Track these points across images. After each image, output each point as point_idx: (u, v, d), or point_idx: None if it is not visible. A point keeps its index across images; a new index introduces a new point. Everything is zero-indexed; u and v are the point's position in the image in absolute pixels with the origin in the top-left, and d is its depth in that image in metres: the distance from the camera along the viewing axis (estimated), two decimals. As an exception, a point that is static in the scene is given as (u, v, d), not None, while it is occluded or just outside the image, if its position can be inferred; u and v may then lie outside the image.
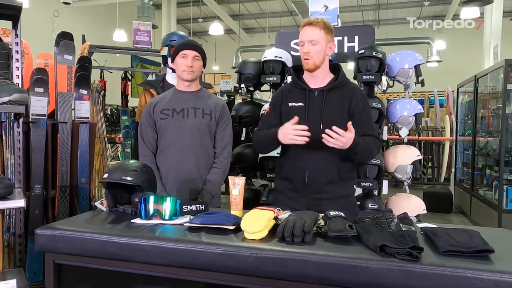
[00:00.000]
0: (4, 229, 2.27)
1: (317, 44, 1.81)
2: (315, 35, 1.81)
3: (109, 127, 7.45)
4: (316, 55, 1.83)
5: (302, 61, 1.86)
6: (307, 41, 1.82)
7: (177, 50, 2.09)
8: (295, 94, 1.93)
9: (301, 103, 1.89)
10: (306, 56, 1.83)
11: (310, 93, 1.89)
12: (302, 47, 1.85)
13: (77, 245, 1.40)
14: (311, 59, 1.83)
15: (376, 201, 2.55)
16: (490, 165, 5.15)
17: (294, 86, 1.95)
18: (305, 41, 1.83)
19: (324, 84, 1.90)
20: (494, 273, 1.06)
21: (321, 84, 1.90)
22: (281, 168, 1.96)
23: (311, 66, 1.84)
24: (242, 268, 1.24)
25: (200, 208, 1.60)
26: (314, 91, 1.89)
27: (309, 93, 1.89)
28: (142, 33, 3.95)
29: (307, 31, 1.83)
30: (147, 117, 2.14)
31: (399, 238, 1.23)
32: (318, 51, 1.82)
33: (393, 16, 13.03)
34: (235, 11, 13.00)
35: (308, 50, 1.82)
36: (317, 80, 1.90)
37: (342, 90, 1.89)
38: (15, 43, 2.03)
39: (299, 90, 1.92)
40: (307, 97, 1.89)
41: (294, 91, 1.94)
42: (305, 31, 1.84)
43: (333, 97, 1.87)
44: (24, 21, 2.02)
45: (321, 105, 1.86)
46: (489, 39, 7.59)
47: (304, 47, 1.83)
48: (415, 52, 2.74)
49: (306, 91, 1.90)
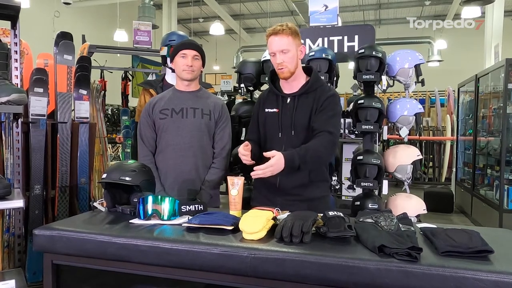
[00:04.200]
0: (4, 229, 2.28)
1: (288, 52, 1.81)
2: (284, 43, 1.80)
3: (109, 127, 7.46)
4: (289, 63, 1.83)
5: (277, 71, 1.87)
6: (277, 51, 1.81)
7: (176, 50, 2.09)
8: (270, 100, 1.96)
9: (275, 109, 1.92)
10: (280, 66, 1.84)
11: (283, 99, 1.91)
12: (273, 57, 1.85)
13: (76, 245, 1.40)
14: (286, 67, 1.83)
15: (376, 201, 2.53)
16: (491, 165, 5.13)
17: (270, 92, 1.99)
18: (276, 52, 1.82)
19: (297, 89, 1.91)
20: (493, 274, 1.06)
21: (295, 89, 1.91)
22: None
23: (287, 75, 1.86)
24: (240, 269, 1.23)
25: (199, 209, 1.60)
26: (287, 97, 1.91)
27: (282, 99, 1.92)
28: (142, 33, 3.95)
29: (275, 41, 1.81)
30: (146, 116, 2.13)
31: (398, 238, 1.22)
32: (290, 58, 1.82)
33: (394, 16, 13.01)
34: (236, 11, 13.00)
35: (281, 60, 1.82)
36: (291, 85, 1.92)
37: (313, 94, 1.89)
38: (14, 43, 2.03)
39: (274, 96, 1.95)
40: (281, 103, 1.91)
41: (270, 97, 1.97)
42: (273, 41, 1.82)
43: (305, 101, 1.88)
44: (24, 21, 2.03)
45: (293, 111, 1.88)
46: (490, 38, 7.57)
47: (276, 58, 1.83)
48: (415, 51, 2.72)
49: (279, 97, 1.92)
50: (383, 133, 2.67)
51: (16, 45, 2.04)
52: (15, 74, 2.04)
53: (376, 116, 2.55)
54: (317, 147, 1.78)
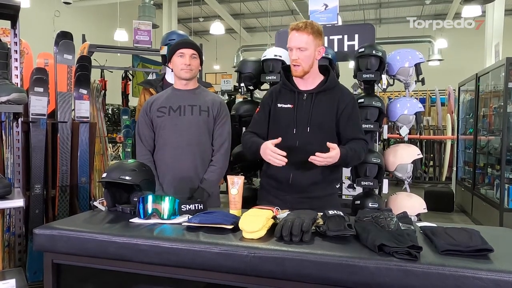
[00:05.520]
0: (4, 229, 2.28)
1: (305, 50, 1.80)
2: (303, 41, 1.79)
3: (110, 126, 7.46)
4: (304, 62, 1.81)
5: (291, 67, 1.86)
6: (295, 47, 1.80)
7: (174, 49, 2.08)
8: (284, 95, 1.93)
9: (289, 105, 1.89)
10: (294, 62, 1.82)
11: (299, 95, 1.89)
12: (290, 52, 1.83)
13: (76, 244, 1.40)
14: (300, 66, 1.82)
15: (376, 200, 2.54)
16: (492, 164, 5.13)
17: (284, 88, 1.95)
18: (293, 47, 1.81)
19: (313, 87, 1.89)
20: (493, 273, 1.05)
21: (311, 86, 1.90)
22: (267, 167, 1.96)
23: (299, 73, 1.84)
24: (240, 268, 1.23)
25: (199, 208, 1.60)
26: (304, 93, 1.89)
27: (298, 95, 1.89)
28: (142, 32, 3.95)
29: (295, 37, 1.80)
30: (144, 115, 2.13)
31: (398, 237, 1.22)
32: (306, 57, 1.81)
33: (395, 15, 12.99)
34: (236, 10, 12.99)
35: (297, 56, 1.80)
36: (307, 82, 1.90)
37: (331, 92, 1.89)
38: (14, 43, 2.03)
39: (288, 92, 1.92)
40: (296, 99, 1.88)
41: (284, 93, 1.94)
42: (293, 37, 1.81)
43: (322, 100, 1.87)
44: (25, 21, 2.03)
45: (310, 108, 1.86)
46: (491, 37, 7.57)
47: (292, 54, 1.82)
48: (415, 50, 2.72)
49: (295, 93, 1.89)
50: (383, 132, 2.67)
51: (16, 45, 2.04)
52: (15, 73, 2.04)
53: (376, 115, 2.55)
54: (360, 151, 1.84)
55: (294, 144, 1.81)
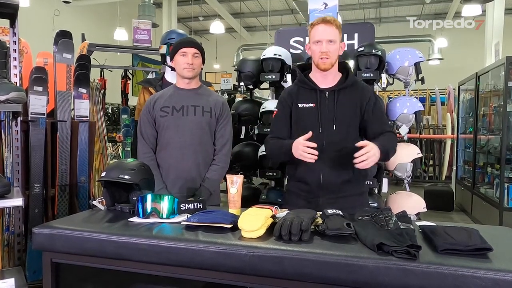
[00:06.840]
0: (3, 228, 2.28)
1: (334, 43, 1.78)
2: (333, 34, 1.77)
3: (109, 126, 7.46)
4: (333, 54, 1.79)
5: (318, 60, 1.80)
6: (325, 40, 1.77)
7: (176, 48, 2.08)
8: (304, 94, 1.88)
9: (312, 104, 1.85)
10: (324, 55, 1.78)
11: (321, 93, 1.85)
12: (318, 45, 1.79)
13: (75, 244, 1.40)
14: (329, 58, 1.78)
15: (375, 199, 2.54)
16: (492, 163, 5.13)
17: (303, 87, 1.90)
18: (323, 40, 1.77)
19: (333, 84, 1.86)
20: (492, 272, 1.05)
21: (331, 84, 1.86)
22: (295, 170, 1.90)
23: (328, 66, 1.80)
24: (239, 267, 1.23)
25: (198, 207, 1.60)
26: (325, 91, 1.85)
27: (320, 93, 1.85)
28: (142, 31, 3.95)
29: (325, 29, 1.77)
30: (147, 114, 2.13)
31: (397, 236, 1.22)
32: (335, 50, 1.79)
33: (395, 14, 12.97)
34: (236, 9, 12.99)
35: (327, 49, 1.77)
36: (327, 79, 1.86)
37: (352, 89, 1.86)
38: (13, 42, 2.03)
39: (308, 91, 1.88)
40: (318, 97, 1.84)
41: (303, 92, 1.89)
42: (322, 30, 1.78)
43: (344, 97, 1.84)
44: (24, 20, 2.02)
45: (333, 106, 1.82)
46: (491, 36, 7.57)
47: (322, 46, 1.77)
48: (415, 49, 2.72)
49: (316, 91, 1.85)
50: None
51: (15, 44, 2.03)
52: (14, 72, 2.04)
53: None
54: (393, 143, 1.82)
55: (321, 143, 1.76)
